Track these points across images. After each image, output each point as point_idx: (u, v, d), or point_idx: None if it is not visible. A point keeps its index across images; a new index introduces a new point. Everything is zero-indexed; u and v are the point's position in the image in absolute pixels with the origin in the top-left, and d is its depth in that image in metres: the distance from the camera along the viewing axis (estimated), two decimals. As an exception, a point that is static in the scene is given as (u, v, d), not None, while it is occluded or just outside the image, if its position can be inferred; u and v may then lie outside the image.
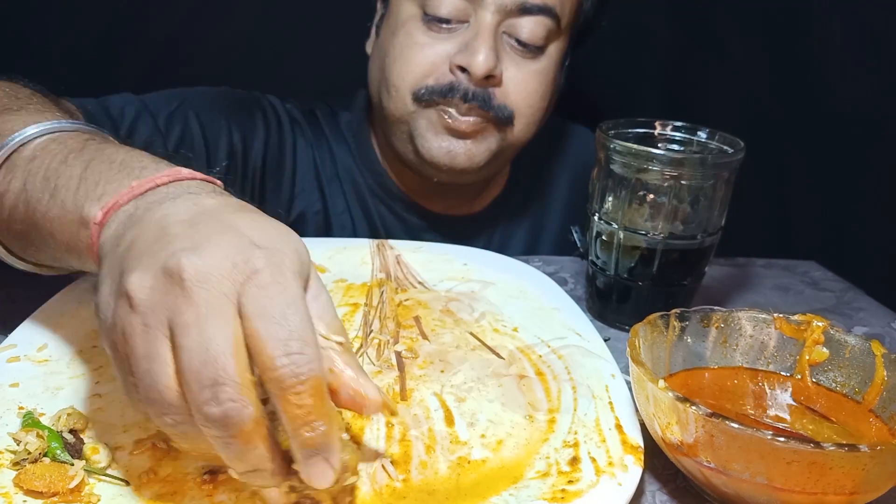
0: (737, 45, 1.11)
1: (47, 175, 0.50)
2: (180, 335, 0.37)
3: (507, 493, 0.46)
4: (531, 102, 0.85)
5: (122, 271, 0.40)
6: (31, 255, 0.55)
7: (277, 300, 0.37)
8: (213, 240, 0.39)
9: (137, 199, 0.45)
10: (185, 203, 0.43)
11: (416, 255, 0.78)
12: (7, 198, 0.52)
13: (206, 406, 0.36)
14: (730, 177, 0.67)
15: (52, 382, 0.55)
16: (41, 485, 0.43)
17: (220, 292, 0.37)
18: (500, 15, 0.80)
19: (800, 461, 0.42)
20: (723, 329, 0.57)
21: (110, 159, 0.49)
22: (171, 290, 0.37)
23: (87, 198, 0.47)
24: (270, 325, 0.36)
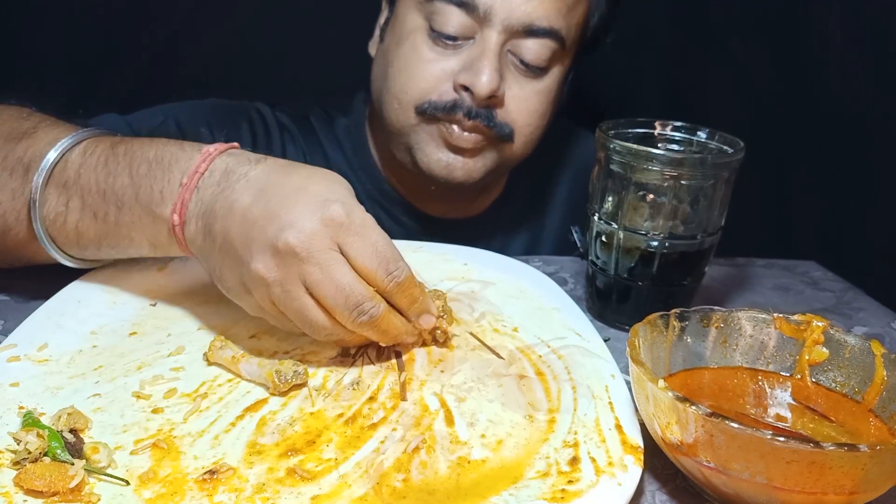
0: (737, 46, 1.11)
1: (101, 189, 0.60)
2: (317, 288, 0.53)
3: (507, 493, 0.46)
4: (531, 121, 0.85)
5: (240, 263, 0.54)
6: (103, 256, 0.64)
7: (366, 239, 0.54)
8: (295, 210, 0.53)
9: (195, 192, 0.57)
10: (241, 185, 0.55)
11: (415, 255, 0.78)
12: (70, 217, 0.61)
13: (358, 319, 0.54)
14: (730, 177, 0.67)
15: (52, 382, 0.55)
16: (41, 484, 0.43)
17: (325, 247, 0.53)
18: (506, 35, 0.80)
19: (799, 461, 0.42)
20: (723, 329, 0.57)
21: (145, 158, 0.59)
22: (291, 262, 0.52)
23: (152, 202, 0.58)
24: (370, 259, 0.54)
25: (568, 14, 0.82)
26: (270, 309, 0.55)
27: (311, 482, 0.46)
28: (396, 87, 0.84)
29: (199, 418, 0.52)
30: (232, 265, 0.56)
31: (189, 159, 0.58)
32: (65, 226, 0.61)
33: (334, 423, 0.52)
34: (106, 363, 0.58)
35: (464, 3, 0.79)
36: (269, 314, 0.57)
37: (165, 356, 0.59)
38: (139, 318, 0.65)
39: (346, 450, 0.49)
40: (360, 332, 0.56)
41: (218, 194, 0.56)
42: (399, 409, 0.54)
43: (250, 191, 0.55)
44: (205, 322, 0.64)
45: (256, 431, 0.51)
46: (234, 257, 0.55)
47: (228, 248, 0.55)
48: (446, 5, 0.80)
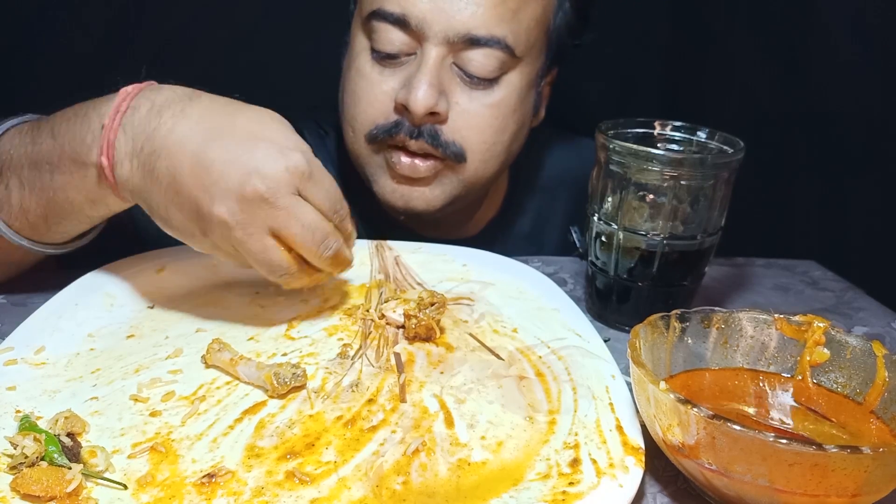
0: (736, 46, 1.11)
1: (32, 160, 0.60)
2: (284, 230, 0.56)
3: (507, 496, 0.46)
4: (486, 138, 0.79)
5: (196, 206, 0.55)
6: (56, 233, 0.64)
7: (322, 184, 0.58)
8: (257, 156, 0.55)
9: (121, 130, 0.56)
10: (182, 123, 0.56)
11: (415, 255, 0.78)
12: (13, 199, 0.61)
13: (324, 253, 0.59)
14: (730, 177, 0.67)
15: (49, 385, 0.54)
16: (38, 489, 0.43)
17: (289, 193, 0.56)
18: (446, 47, 0.76)
19: (802, 463, 0.41)
20: (723, 330, 0.57)
21: (65, 118, 0.60)
22: (258, 207, 0.55)
23: (79, 153, 0.58)
24: (325, 201, 0.58)
25: (512, 20, 0.76)
26: (226, 248, 0.58)
27: (311, 485, 0.46)
28: (348, 115, 0.81)
29: (197, 421, 0.51)
30: (183, 206, 0.56)
31: (107, 102, 0.58)
32: (11, 208, 0.61)
33: (333, 425, 0.52)
34: (103, 366, 0.57)
35: (398, 19, 0.75)
36: (221, 252, 0.59)
37: (163, 359, 0.59)
38: (137, 321, 0.64)
39: (345, 452, 0.49)
40: (323, 266, 0.60)
41: (152, 131, 0.56)
42: (398, 411, 0.53)
43: (196, 129, 0.56)
44: (203, 324, 0.64)
45: (255, 434, 0.50)
46: (188, 199, 0.55)
47: (179, 189, 0.55)
48: (382, 24, 0.77)
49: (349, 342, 0.62)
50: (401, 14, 0.75)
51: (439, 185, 0.81)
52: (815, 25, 1.00)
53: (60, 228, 0.63)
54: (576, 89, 0.97)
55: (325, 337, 0.63)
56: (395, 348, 0.61)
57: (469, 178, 0.81)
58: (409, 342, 0.62)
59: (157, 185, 0.56)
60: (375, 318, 0.65)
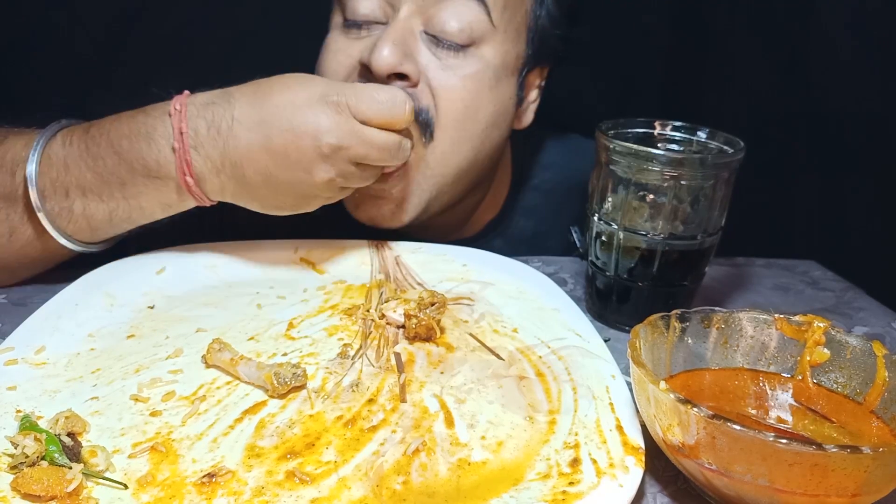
0: (736, 45, 1.11)
1: (98, 173, 0.64)
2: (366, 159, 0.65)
3: (507, 496, 0.46)
4: (456, 111, 0.74)
5: (298, 184, 0.65)
6: (115, 231, 0.68)
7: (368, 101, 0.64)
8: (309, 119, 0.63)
9: (192, 152, 0.63)
10: (239, 131, 0.63)
11: (415, 255, 0.78)
12: (75, 207, 0.65)
13: (401, 155, 0.69)
14: (730, 177, 0.67)
15: (49, 385, 0.54)
16: (39, 488, 0.43)
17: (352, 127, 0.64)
18: (416, 5, 0.73)
19: (802, 463, 0.41)
20: (723, 330, 0.57)
21: (122, 134, 0.64)
22: (340, 155, 0.64)
23: (152, 171, 0.64)
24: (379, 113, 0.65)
25: None
26: (338, 193, 0.68)
27: (311, 485, 0.46)
28: None
29: (197, 421, 0.51)
30: (287, 192, 0.65)
31: (162, 124, 0.64)
32: (72, 216, 0.65)
33: (334, 425, 0.52)
34: (104, 366, 0.57)
35: None
36: (335, 196, 0.68)
37: (163, 359, 0.59)
38: (137, 321, 0.64)
39: (345, 452, 0.49)
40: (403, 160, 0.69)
41: (223, 148, 0.63)
42: (399, 411, 0.53)
43: (254, 130, 0.63)
44: (203, 324, 0.64)
45: (255, 434, 0.50)
46: (288, 186, 0.65)
47: (275, 183, 0.64)
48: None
49: (349, 342, 0.62)
50: None
51: (407, 200, 0.76)
52: (814, 25, 1.00)
53: (123, 228, 0.68)
54: (576, 89, 0.97)
55: (325, 337, 0.63)
56: (396, 348, 0.61)
57: (437, 167, 0.76)
58: (410, 342, 0.62)
59: (255, 187, 0.65)
60: (376, 318, 0.65)
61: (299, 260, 0.76)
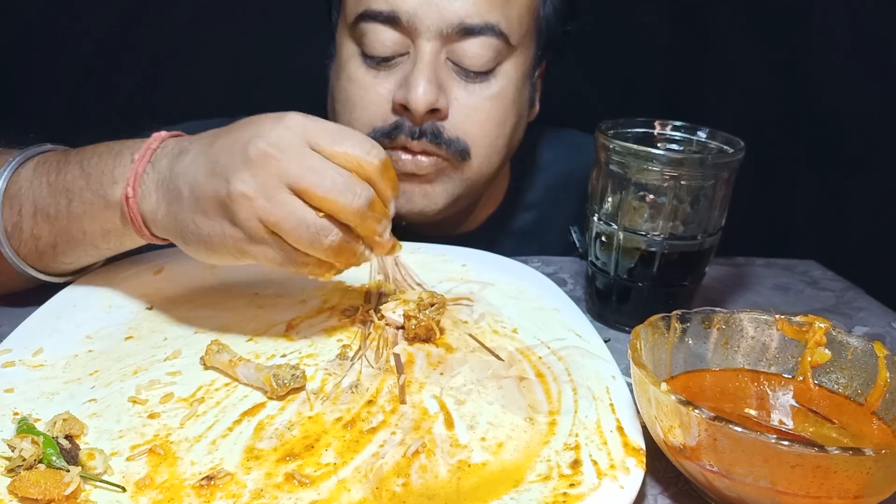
0: (736, 45, 1.11)
1: (53, 188, 0.60)
2: (301, 180, 0.52)
3: (507, 497, 0.45)
4: (486, 132, 0.78)
5: (217, 198, 0.53)
6: (62, 262, 0.64)
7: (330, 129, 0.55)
8: (251, 127, 0.54)
9: (149, 165, 0.58)
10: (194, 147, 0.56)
11: (414, 255, 0.77)
12: (24, 225, 0.61)
13: (354, 203, 0.53)
14: (730, 177, 0.67)
15: (47, 387, 0.54)
16: (36, 492, 0.43)
17: (296, 144, 0.53)
18: (439, 41, 0.75)
19: (804, 465, 0.41)
20: (724, 331, 0.56)
21: (96, 152, 0.61)
22: (268, 165, 0.52)
23: (103, 184, 0.59)
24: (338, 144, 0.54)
25: (504, 5, 0.76)
26: (265, 235, 0.54)
27: (310, 487, 0.46)
28: (342, 121, 0.80)
29: (196, 423, 0.51)
30: (207, 205, 0.54)
31: (140, 142, 0.60)
32: (21, 234, 0.62)
33: (333, 426, 0.51)
34: (102, 368, 0.57)
35: (388, 17, 0.74)
36: (268, 246, 0.54)
37: (162, 360, 0.58)
38: (135, 322, 0.64)
39: (345, 454, 0.49)
40: (360, 221, 0.55)
41: (173, 162, 0.57)
42: (398, 413, 0.53)
43: (203, 147, 0.56)
44: (201, 325, 0.64)
45: (254, 436, 0.50)
46: (208, 195, 0.54)
47: (199, 193, 0.55)
48: (372, 24, 0.75)
49: (348, 343, 0.62)
50: (390, 12, 0.74)
51: (442, 184, 0.80)
52: (814, 26, 1.00)
53: (67, 259, 0.64)
54: (576, 89, 0.97)
55: (324, 338, 0.63)
56: (395, 349, 0.61)
57: (472, 175, 0.80)
58: (409, 343, 0.62)
59: (182, 202, 0.56)
60: (375, 318, 0.64)
61: (298, 260, 0.76)
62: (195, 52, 1.10)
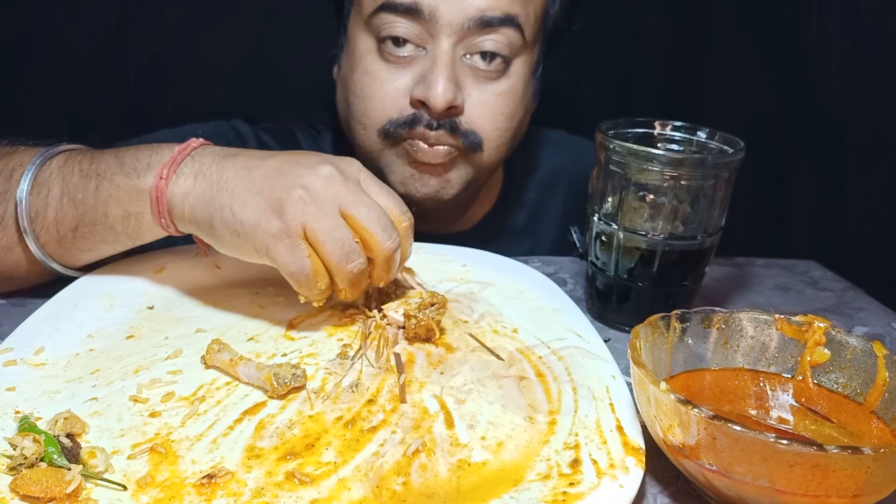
0: (736, 45, 1.11)
1: (84, 172, 0.62)
2: (353, 207, 0.58)
3: (507, 496, 0.46)
4: (499, 125, 0.82)
5: (277, 183, 0.58)
6: (79, 250, 0.65)
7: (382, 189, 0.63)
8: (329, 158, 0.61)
9: (189, 158, 0.61)
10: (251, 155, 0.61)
11: (414, 255, 0.77)
12: (49, 210, 0.63)
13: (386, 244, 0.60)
14: (730, 177, 0.67)
15: (48, 386, 0.54)
16: (38, 490, 0.43)
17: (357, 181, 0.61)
18: (458, 35, 0.76)
19: (803, 464, 0.41)
20: (724, 330, 0.56)
21: (133, 147, 0.63)
22: (331, 184, 0.58)
23: (136, 171, 0.61)
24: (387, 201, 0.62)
25: (525, 1, 0.79)
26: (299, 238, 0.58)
27: (310, 486, 0.46)
28: (358, 112, 0.82)
29: (196, 422, 0.51)
30: (262, 190, 0.58)
31: (177, 144, 0.62)
32: (45, 219, 0.63)
33: (333, 425, 0.52)
34: (103, 367, 0.57)
35: (409, 8, 0.76)
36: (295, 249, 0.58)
37: (163, 359, 0.59)
38: (136, 322, 0.64)
39: (345, 453, 0.49)
40: (384, 261, 0.61)
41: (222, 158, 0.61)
42: (398, 412, 0.53)
43: (261, 155, 0.62)
44: (202, 325, 0.64)
45: (255, 435, 0.50)
46: (268, 188, 0.58)
47: (257, 177, 0.59)
48: (391, 16, 0.77)
49: (349, 342, 0.62)
50: (412, 3, 0.76)
51: (456, 171, 0.82)
52: (813, 26, 1.00)
53: (84, 245, 0.65)
54: (576, 89, 0.97)
55: (324, 337, 0.63)
56: (395, 349, 0.61)
57: (483, 164, 0.83)
58: (409, 342, 0.62)
59: (224, 189, 0.59)
60: (377, 318, 0.64)
61: (299, 260, 0.76)
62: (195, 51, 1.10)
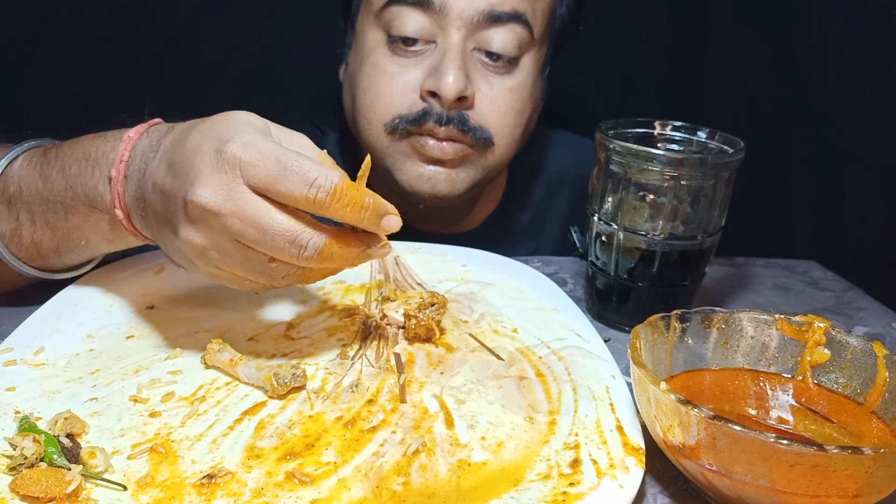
0: (736, 45, 1.11)
1: (44, 197, 0.60)
2: (245, 238, 0.49)
3: (507, 496, 0.46)
4: (508, 121, 0.81)
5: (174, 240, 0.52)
6: (68, 262, 0.65)
7: (269, 164, 0.48)
8: (194, 169, 0.49)
9: (126, 182, 0.56)
10: (156, 160, 0.53)
11: (414, 255, 0.77)
12: (24, 231, 0.61)
13: (302, 254, 0.49)
14: (730, 177, 0.67)
15: (48, 386, 0.54)
16: (38, 490, 0.43)
17: (234, 193, 0.48)
18: (467, 29, 0.77)
19: (803, 464, 0.41)
20: (724, 330, 0.56)
21: (75, 158, 0.60)
22: (211, 220, 0.49)
23: (93, 201, 0.58)
24: (283, 183, 0.48)
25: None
26: (223, 275, 0.53)
27: (310, 486, 0.46)
28: (365, 108, 0.81)
29: (196, 422, 0.51)
30: (171, 241, 0.53)
31: (112, 150, 0.58)
32: (21, 240, 0.62)
33: (333, 426, 0.52)
34: (103, 367, 0.57)
35: (419, 0, 0.76)
36: (225, 279, 0.54)
37: (163, 359, 0.59)
38: (136, 322, 0.64)
39: (345, 453, 0.49)
40: (314, 265, 0.50)
41: (140, 177, 0.54)
42: (398, 412, 0.53)
43: (163, 162, 0.52)
44: (202, 325, 0.64)
45: (255, 435, 0.50)
46: (168, 233, 0.52)
47: (161, 226, 0.53)
48: (401, 8, 0.77)
49: (349, 343, 0.62)
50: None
51: (465, 170, 0.82)
52: (813, 26, 1.00)
53: (73, 258, 0.64)
54: (576, 89, 0.97)
55: (324, 337, 0.63)
56: (395, 349, 0.61)
57: (493, 163, 0.83)
58: (409, 342, 0.62)
59: (153, 227, 0.55)
60: (377, 318, 0.64)
61: (299, 260, 0.76)
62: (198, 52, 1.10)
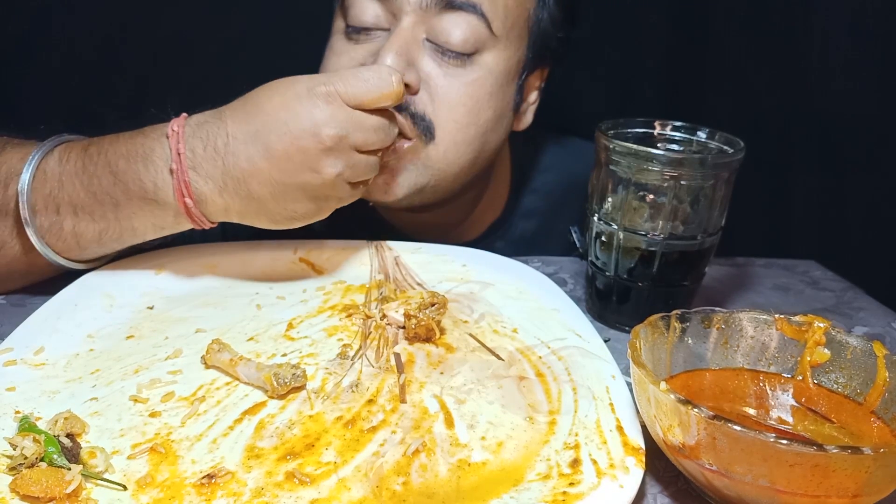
0: (737, 45, 1.11)
1: (91, 192, 0.62)
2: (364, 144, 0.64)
3: (507, 496, 0.46)
4: (457, 116, 0.76)
5: (308, 186, 0.63)
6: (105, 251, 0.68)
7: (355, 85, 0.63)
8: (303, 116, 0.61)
9: (191, 172, 0.62)
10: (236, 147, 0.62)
11: (414, 255, 0.77)
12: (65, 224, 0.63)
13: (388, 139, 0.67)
14: (730, 177, 0.67)
15: (48, 386, 0.54)
16: (38, 490, 0.43)
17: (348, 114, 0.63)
18: (417, 15, 0.74)
19: (803, 464, 0.41)
20: (724, 330, 0.56)
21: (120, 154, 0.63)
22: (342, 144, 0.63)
23: (149, 193, 0.62)
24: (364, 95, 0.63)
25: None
26: (349, 192, 0.66)
27: (310, 486, 0.46)
28: None
29: (196, 422, 0.51)
30: (298, 196, 0.63)
31: (160, 146, 0.62)
32: (61, 232, 0.64)
33: (333, 426, 0.52)
34: (103, 367, 0.57)
35: None
36: (347, 196, 0.66)
37: (163, 359, 0.59)
38: (136, 322, 0.64)
39: (345, 453, 0.49)
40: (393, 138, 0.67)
41: (223, 166, 0.62)
42: (398, 412, 0.53)
43: (251, 142, 0.61)
44: (202, 325, 0.64)
45: (255, 435, 0.50)
46: (298, 188, 0.63)
47: (285, 189, 0.62)
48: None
49: (349, 342, 0.62)
50: None
51: (404, 172, 0.76)
52: (814, 26, 1.00)
53: (114, 247, 0.67)
54: (576, 90, 0.97)
55: (324, 337, 0.63)
56: (395, 349, 0.61)
57: (438, 163, 0.77)
58: (409, 342, 0.62)
59: (263, 201, 0.63)
60: (377, 317, 0.64)
61: (298, 260, 0.76)
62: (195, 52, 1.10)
